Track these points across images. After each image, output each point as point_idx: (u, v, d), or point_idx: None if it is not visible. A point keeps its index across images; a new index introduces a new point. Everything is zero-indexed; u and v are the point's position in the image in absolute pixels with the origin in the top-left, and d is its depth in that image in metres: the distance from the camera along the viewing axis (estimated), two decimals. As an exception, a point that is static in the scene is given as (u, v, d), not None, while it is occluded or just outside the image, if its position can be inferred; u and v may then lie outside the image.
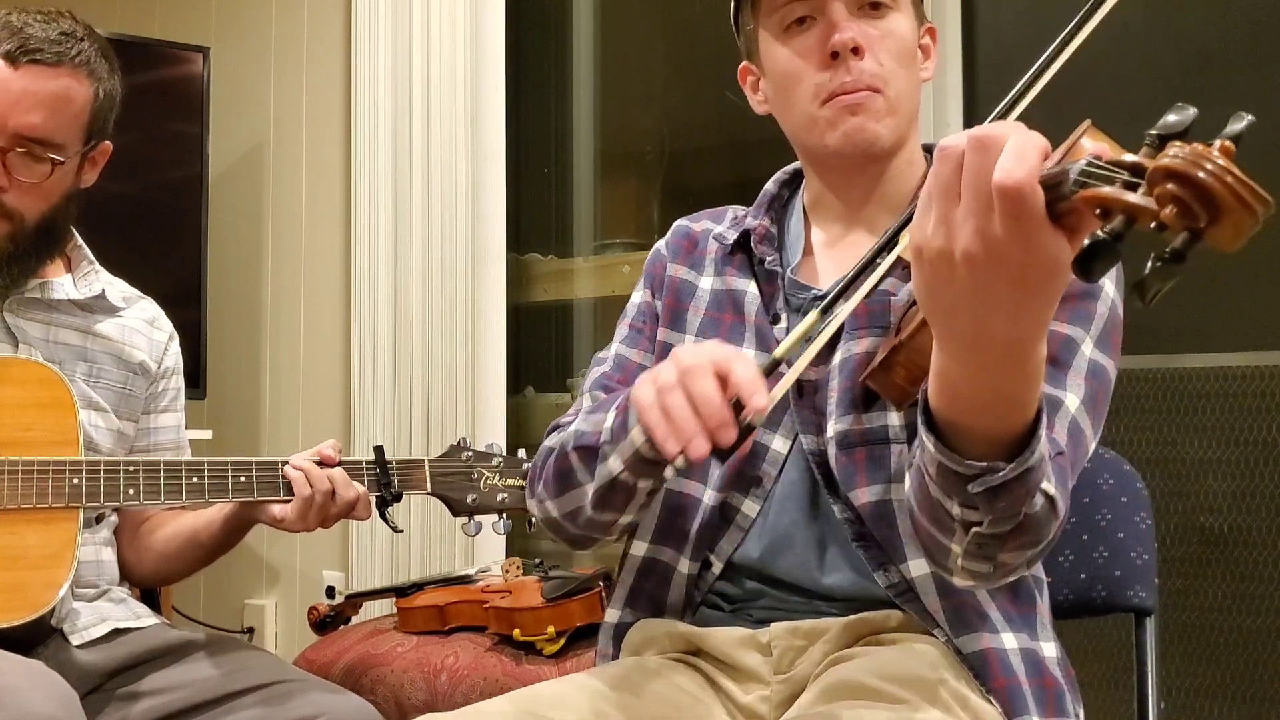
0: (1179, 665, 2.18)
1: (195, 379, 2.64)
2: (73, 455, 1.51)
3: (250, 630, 3.14)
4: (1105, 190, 0.67)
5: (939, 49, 1.29)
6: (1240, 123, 0.65)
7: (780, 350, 1.01)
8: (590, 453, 1.14)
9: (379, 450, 1.64)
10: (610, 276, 3.09)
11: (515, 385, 3.02)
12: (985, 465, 0.87)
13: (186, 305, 2.79)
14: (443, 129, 2.78)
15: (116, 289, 1.72)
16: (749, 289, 1.26)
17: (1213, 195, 0.62)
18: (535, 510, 1.24)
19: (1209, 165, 0.62)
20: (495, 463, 1.69)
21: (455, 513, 1.68)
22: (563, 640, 1.95)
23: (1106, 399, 1.11)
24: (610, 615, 1.26)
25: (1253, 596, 2.14)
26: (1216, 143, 0.64)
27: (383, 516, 1.64)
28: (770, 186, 1.33)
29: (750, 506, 1.19)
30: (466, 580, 2.31)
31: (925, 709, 1.00)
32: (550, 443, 1.22)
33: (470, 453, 1.68)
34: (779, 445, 1.19)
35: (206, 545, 1.67)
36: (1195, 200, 0.63)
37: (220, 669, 1.54)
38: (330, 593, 2.87)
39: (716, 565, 1.20)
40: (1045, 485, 0.92)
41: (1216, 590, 2.18)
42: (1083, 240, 0.67)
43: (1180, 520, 2.21)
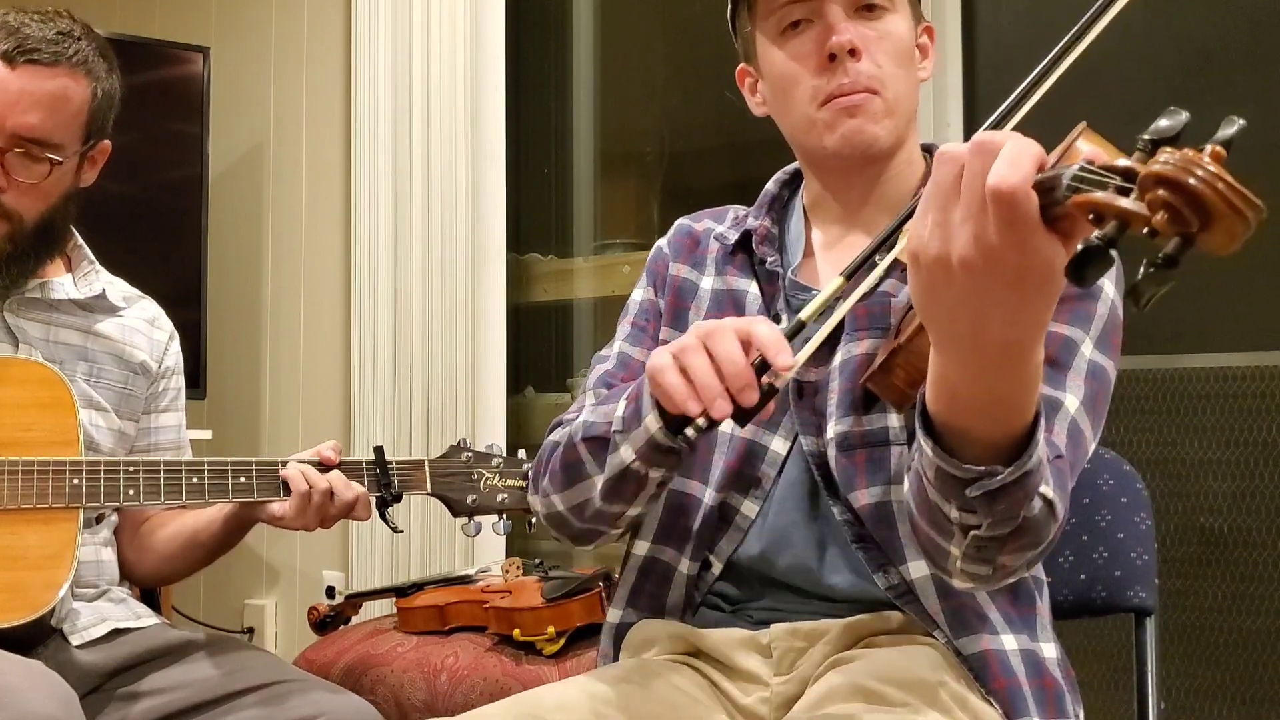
0: (1179, 666, 2.18)
1: (195, 379, 2.64)
2: (73, 455, 1.51)
3: (250, 630, 3.14)
4: (1098, 195, 0.67)
5: (939, 49, 1.29)
6: (1232, 127, 0.65)
7: (806, 313, 0.99)
8: (600, 443, 1.12)
9: (379, 451, 1.64)
10: (610, 276, 3.09)
11: (515, 385, 3.02)
12: (983, 469, 0.87)
13: (186, 305, 2.78)
14: (443, 129, 2.78)
15: (117, 289, 1.72)
16: (750, 289, 1.25)
17: (1203, 201, 0.62)
18: (539, 506, 1.22)
19: (1199, 171, 0.62)
20: (495, 463, 1.69)
21: (455, 513, 1.68)
22: (563, 640, 1.95)
23: (1106, 400, 1.11)
24: (612, 615, 1.26)
25: (1253, 597, 2.14)
26: (1208, 148, 0.64)
27: (383, 517, 1.64)
28: (771, 187, 1.32)
29: (750, 507, 1.18)
30: (466, 580, 2.31)
31: (925, 711, 1.00)
32: (555, 437, 1.21)
33: (470, 453, 1.68)
34: (778, 446, 1.19)
35: (207, 545, 1.67)
36: (1186, 206, 0.63)
37: (220, 669, 1.54)
38: (330, 593, 2.87)
39: (716, 565, 1.19)
40: (1044, 489, 0.92)
41: (1216, 591, 2.17)
42: (1078, 244, 0.68)
43: (1180, 521, 2.20)
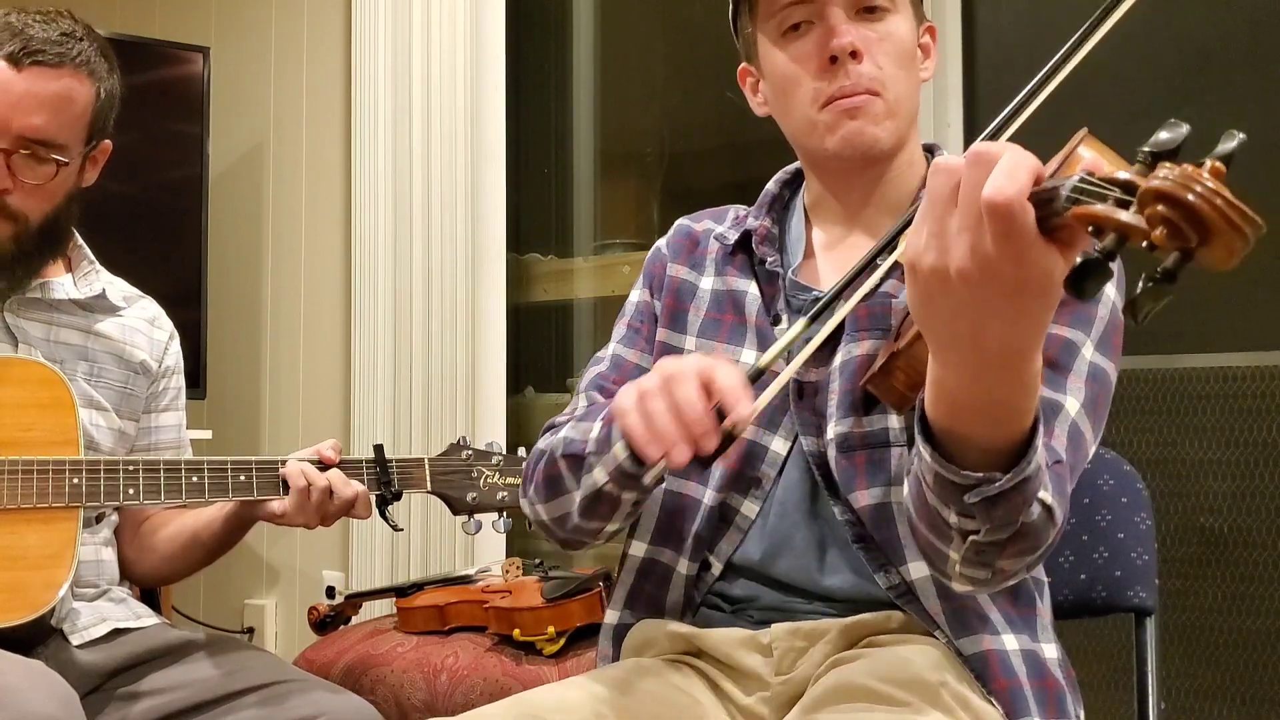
0: (1179, 666, 2.18)
1: (195, 379, 2.64)
2: (73, 455, 1.51)
3: (250, 630, 3.14)
4: (1098, 208, 0.67)
5: (939, 49, 1.29)
6: (1232, 142, 0.65)
7: (765, 359, 1.01)
8: (577, 461, 1.14)
9: (379, 449, 1.64)
10: (610, 276, 3.09)
11: (515, 385, 3.02)
12: (982, 475, 0.87)
13: (186, 305, 2.78)
14: (443, 129, 2.78)
15: (117, 288, 1.72)
16: (750, 289, 1.25)
17: (1202, 217, 0.62)
18: (527, 510, 1.25)
19: (1198, 188, 0.62)
20: (495, 461, 1.69)
21: (455, 511, 1.68)
22: (563, 640, 1.95)
23: (1107, 402, 1.11)
24: (610, 616, 1.26)
25: (1253, 597, 2.14)
26: (1207, 163, 0.64)
27: (383, 515, 1.64)
28: (771, 186, 1.32)
29: (750, 507, 1.18)
30: (466, 580, 2.30)
31: (926, 711, 1.00)
32: (542, 445, 1.22)
33: (470, 451, 1.68)
34: (778, 446, 1.19)
35: (207, 545, 1.67)
36: (1185, 222, 0.63)
37: (220, 669, 1.54)
38: (330, 593, 2.87)
39: (716, 566, 1.19)
40: (1042, 494, 0.92)
41: (1216, 591, 2.17)
42: (1077, 254, 0.67)
43: (1180, 521, 2.20)
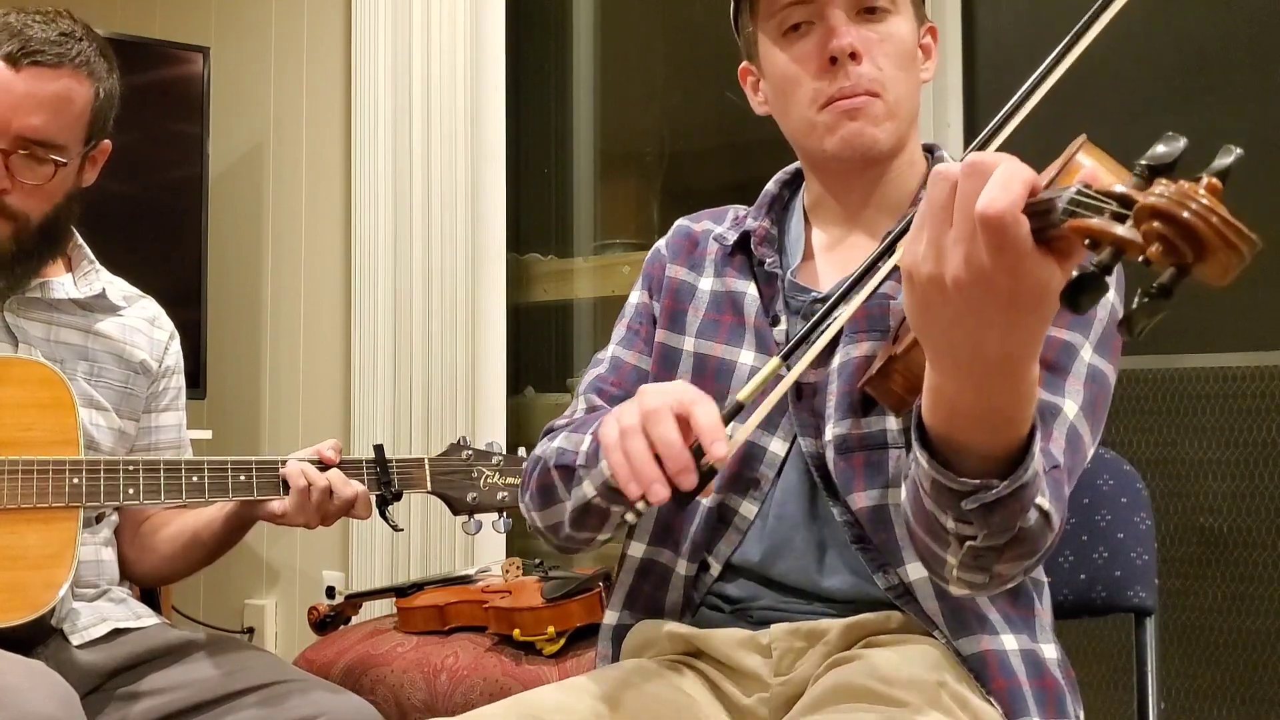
0: (1179, 666, 2.18)
1: (195, 379, 2.64)
2: (73, 455, 1.51)
3: (250, 630, 3.13)
4: (1094, 222, 0.67)
5: (939, 49, 1.29)
6: (1229, 157, 0.65)
7: (743, 394, 1.01)
8: (569, 473, 1.16)
9: (379, 449, 1.64)
10: (610, 276, 3.09)
11: (515, 385, 3.02)
12: (979, 482, 0.87)
13: (186, 305, 2.78)
14: (443, 129, 2.78)
15: (117, 288, 1.72)
16: (749, 290, 1.25)
17: (1198, 235, 0.62)
18: (525, 514, 1.27)
19: (1194, 205, 0.62)
20: (495, 461, 1.69)
21: (455, 511, 1.68)
22: (563, 640, 1.95)
23: (1106, 404, 1.11)
24: (609, 617, 1.26)
25: (1252, 597, 2.14)
26: (1204, 179, 0.64)
27: (383, 515, 1.64)
28: (771, 187, 1.32)
29: (748, 508, 1.18)
30: (466, 580, 2.30)
31: (926, 711, 1.00)
32: (539, 452, 1.24)
33: (470, 451, 1.68)
34: (777, 447, 1.19)
35: (208, 545, 1.67)
36: (1181, 239, 0.63)
37: (220, 669, 1.54)
38: (330, 593, 2.87)
39: (715, 567, 1.19)
40: (1040, 500, 0.92)
41: (1216, 591, 2.17)
42: (1074, 265, 0.67)
43: (1180, 521, 2.20)
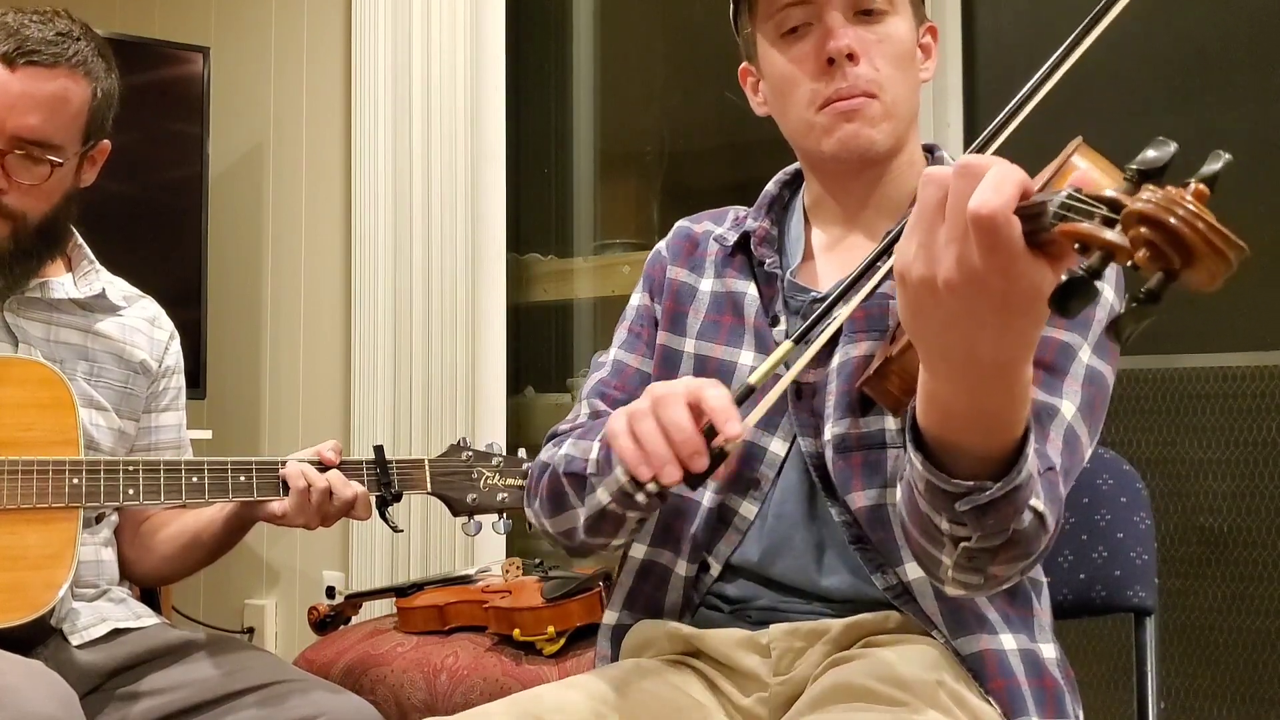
0: (1179, 665, 2.18)
1: (195, 379, 2.64)
2: (73, 455, 1.51)
3: (250, 630, 3.13)
4: (1083, 226, 0.67)
5: (939, 49, 1.29)
6: (1217, 163, 0.65)
7: (755, 377, 1.01)
8: (580, 480, 1.16)
9: (379, 450, 1.64)
10: (610, 276, 3.09)
11: (515, 385, 3.02)
12: (972, 484, 0.87)
13: (186, 305, 2.78)
14: (443, 129, 2.78)
15: (117, 288, 1.72)
16: (749, 291, 1.25)
17: (1184, 240, 0.62)
18: (533, 520, 1.27)
19: (1180, 211, 0.62)
20: (495, 462, 1.69)
21: (455, 512, 1.68)
22: (563, 640, 1.95)
23: (1104, 405, 1.11)
24: (608, 617, 1.26)
25: (1252, 597, 2.14)
26: (1191, 184, 0.64)
27: (383, 516, 1.64)
28: (771, 187, 1.32)
29: (748, 509, 1.18)
30: (466, 580, 2.30)
31: (924, 710, 1.00)
32: (545, 457, 1.24)
33: (470, 452, 1.68)
34: (777, 447, 1.19)
35: (208, 545, 1.67)
36: (1167, 244, 0.63)
37: (220, 669, 1.54)
38: (330, 593, 2.87)
39: (715, 567, 1.20)
40: (1034, 502, 0.92)
41: (1216, 590, 2.17)
42: (1065, 268, 0.67)
43: (1180, 520, 2.20)
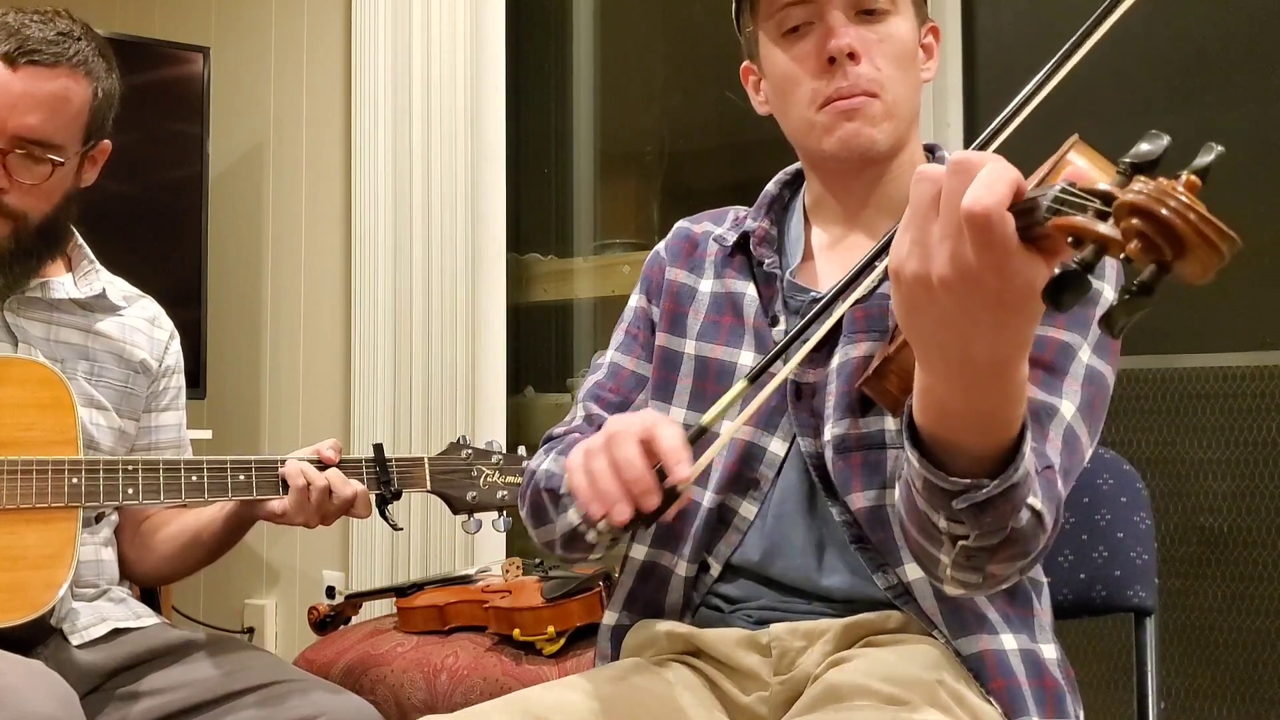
0: (1179, 665, 2.18)
1: (195, 379, 2.64)
2: (72, 455, 1.51)
3: (250, 630, 3.14)
4: (1077, 219, 0.67)
5: (939, 49, 1.29)
6: (1209, 155, 0.65)
7: (707, 418, 1.01)
8: (555, 497, 1.19)
9: (378, 448, 1.64)
10: (610, 277, 3.09)
11: (515, 385, 3.02)
12: (969, 482, 0.87)
13: (186, 305, 2.78)
14: (443, 129, 2.78)
15: (117, 288, 1.72)
16: (748, 291, 1.25)
17: (1175, 231, 0.62)
18: (525, 523, 1.29)
19: (1171, 202, 0.62)
20: (495, 460, 1.69)
21: (455, 510, 1.68)
22: (563, 640, 1.94)
23: (1104, 405, 1.11)
24: (609, 617, 1.27)
25: (1252, 597, 2.14)
26: (1183, 176, 0.64)
27: (382, 514, 1.64)
28: (771, 188, 1.32)
29: (748, 509, 1.18)
30: (466, 580, 2.30)
31: (923, 709, 1.00)
32: (534, 465, 1.27)
33: (470, 450, 1.68)
34: (777, 448, 1.19)
35: (208, 544, 1.67)
36: (1159, 235, 0.63)
37: (220, 669, 1.54)
38: (330, 593, 2.87)
39: (715, 567, 1.20)
40: (1031, 500, 0.92)
41: (1216, 590, 2.17)
42: (1060, 262, 0.67)
43: (1180, 520, 2.20)
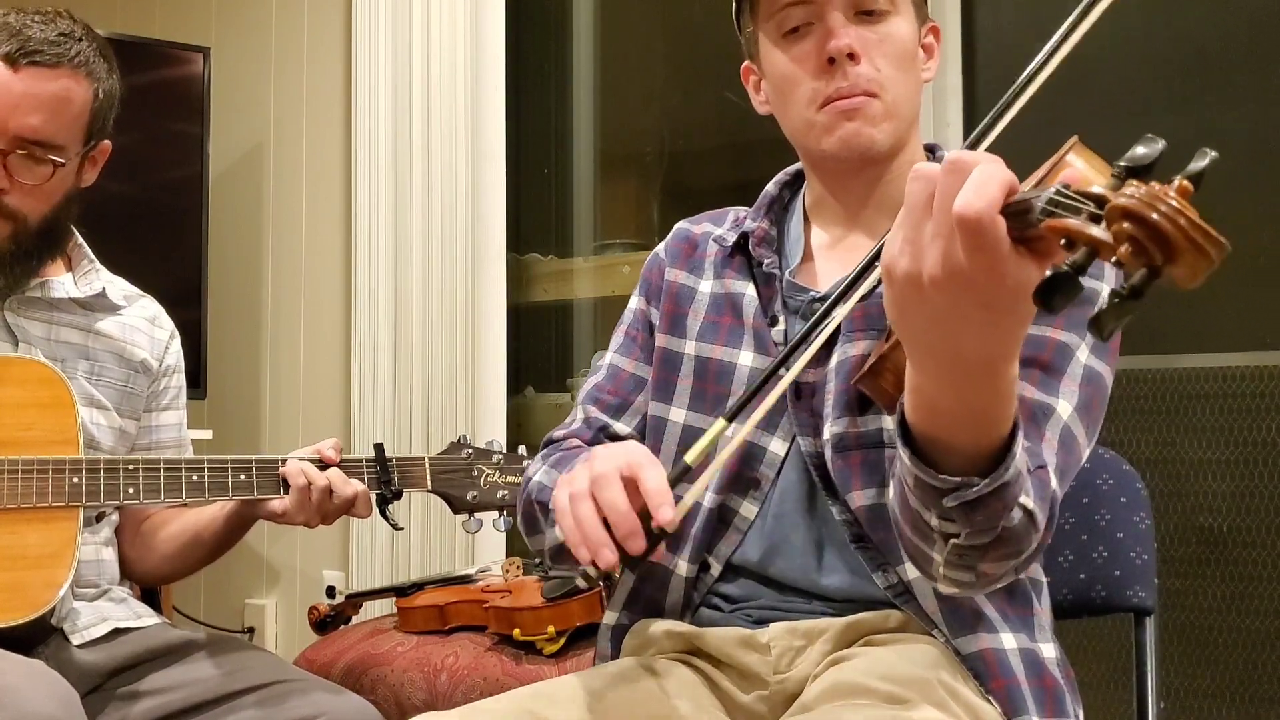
0: (1179, 665, 2.18)
1: (195, 379, 2.64)
2: (73, 454, 1.51)
3: (250, 630, 3.14)
4: (1070, 222, 0.67)
5: (939, 49, 1.29)
6: (1203, 160, 0.65)
7: (690, 456, 1.01)
8: (545, 510, 1.19)
9: (379, 448, 1.64)
10: (610, 277, 3.09)
11: (515, 385, 3.02)
12: (960, 480, 0.87)
13: (186, 305, 2.78)
14: (443, 129, 2.78)
15: (117, 287, 1.72)
16: (747, 291, 1.25)
17: (1166, 236, 0.62)
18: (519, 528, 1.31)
19: (1163, 207, 0.62)
20: (495, 459, 1.69)
21: (456, 510, 1.68)
22: (563, 640, 1.94)
23: (1103, 405, 1.11)
24: (609, 617, 1.27)
25: (1252, 597, 2.14)
26: (1176, 181, 0.64)
27: (383, 514, 1.64)
28: (771, 188, 1.32)
29: (748, 509, 1.19)
30: (466, 580, 2.30)
31: (921, 707, 1.00)
32: (530, 473, 1.28)
33: (470, 450, 1.68)
34: (777, 447, 1.19)
35: (209, 544, 1.68)
36: (1149, 240, 0.63)
37: (220, 669, 1.54)
38: (330, 592, 2.87)
39: (715, 567, 1.20)
40: (1023, 499, 0.92)
41: (1216, 590, 2.18)
42: (1052, 265, 0.68)
43: (1180, 520, 2.20)
